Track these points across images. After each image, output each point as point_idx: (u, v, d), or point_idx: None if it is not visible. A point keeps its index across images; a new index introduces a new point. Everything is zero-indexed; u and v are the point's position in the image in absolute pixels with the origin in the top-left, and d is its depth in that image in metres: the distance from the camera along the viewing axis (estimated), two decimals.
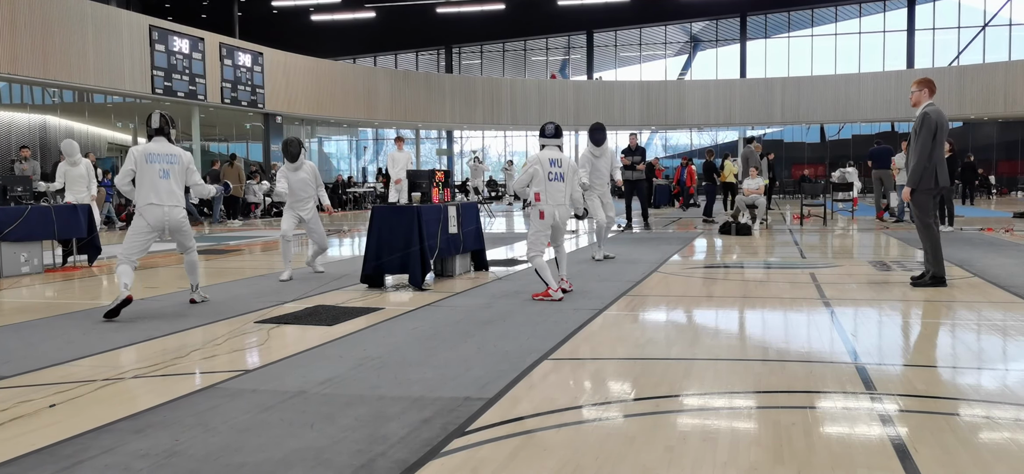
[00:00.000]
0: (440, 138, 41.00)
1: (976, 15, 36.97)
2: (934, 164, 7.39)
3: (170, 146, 6.80)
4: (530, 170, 7.24)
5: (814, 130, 38.50)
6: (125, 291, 6.28)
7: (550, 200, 7.21)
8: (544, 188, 7.19)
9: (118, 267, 6.49)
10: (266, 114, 27.04)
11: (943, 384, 4.35)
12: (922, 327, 6.05)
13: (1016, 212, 19.13)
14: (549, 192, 7.20)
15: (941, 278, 7.50)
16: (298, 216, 8.90)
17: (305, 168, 8.88)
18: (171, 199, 6.68)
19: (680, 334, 5.77)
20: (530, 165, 7.28)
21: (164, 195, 6.63)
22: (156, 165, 6.62)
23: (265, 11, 36.41)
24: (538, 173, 7.19)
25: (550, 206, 7.21)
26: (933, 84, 7.64)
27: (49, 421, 3.72)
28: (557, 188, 7.25)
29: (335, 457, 3.17)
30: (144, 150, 6.65)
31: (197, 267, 7.14)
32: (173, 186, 6.69)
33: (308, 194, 8.92)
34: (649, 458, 3.13)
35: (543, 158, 7.26)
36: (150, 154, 6.63)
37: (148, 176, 6.59)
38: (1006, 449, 3.23)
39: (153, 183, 6.59)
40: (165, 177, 6.64)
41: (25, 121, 27.08)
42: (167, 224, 6.70)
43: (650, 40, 41.40)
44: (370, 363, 4.74)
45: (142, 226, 6.61)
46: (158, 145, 6.72)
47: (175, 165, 6.72)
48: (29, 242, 9.73)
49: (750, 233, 14.09)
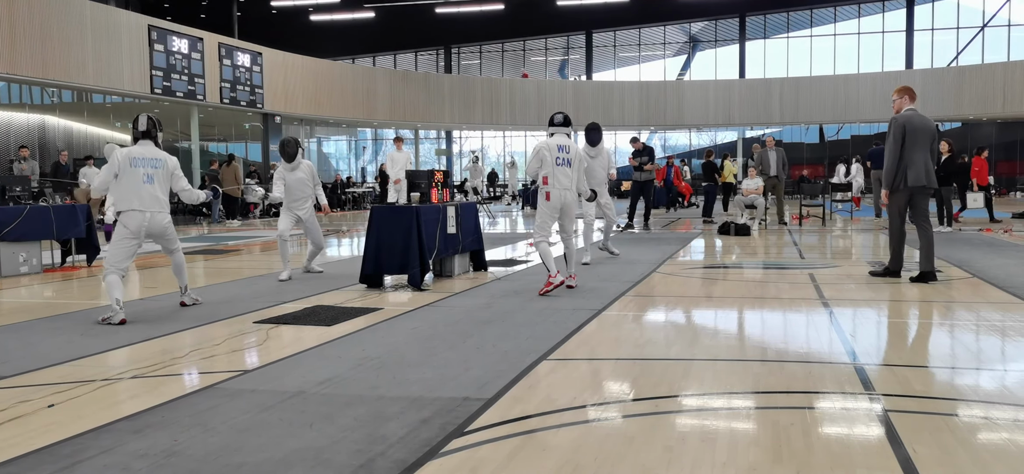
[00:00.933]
0: (439, 138, 41.00)
1: (975, 16, 37.01)
2: (904, 166, 7.81)
3: (156, 150, 6.63)
4: (540, 155, 7.51)
5: (813, 130, 38.53)
6: (120, 313, 6.13)
7: (557, 184, 7.47)
8: (551, 172, 7.47)
9: (106, 277, 6.32)
10: (265, 114, 27.04)
11: (942, 384, 4.35)
12: (921, 327, 6.05)
13: (1016, 212, 19.15)
14: (556, 176, 7.47)
15: (896, 272, 8.13)
16: (296, 216, 8.89)
17: (302, 168, 8.87)
18: (154, 204, 6.51)
19: (679, 334, 5.77)
20: (539, 150, 7.53)
21: (147, 200, 6.46)
22: (140, 169, 6.46)
23: (264, 11, 36.40)
24: (546, 158, 7.47)
25: (557, 190, 7.47)
26: (913, 91, 8.09)
27: (48, 421, 3.71)
28: (564, 173, 7.51)
29: (334, 457, 3.17)
30: (128, 154, 6.49)
31: (184, 268, 7.03)
32: (157, 191, 6.53)
33: (305, 194, 8.89)
34: (648, 458, 3.14)
35: (551, 144, 7.53)
36: (134, 158, 6.47)
37: (131, 181, 6.42)
38: (1005, 449, 3.24)
39: (136, 188, 6.43)
40: (149, 182, 6.48)
41: (24, 121, 27.07)
42: (150, 229, 6.54)
43: (649, 40, 41.41)
44: (369, 363, 4.74)
45: (124, 233, 6.45)
46: (143, 149, 6.57)
47: (159, 170, 6.56)
48: (28, 242, 9.73)
49: (749, 233, 14.10)
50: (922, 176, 7.83)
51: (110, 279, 6.29)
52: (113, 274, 6.31)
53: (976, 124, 36.29)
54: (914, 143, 7.80)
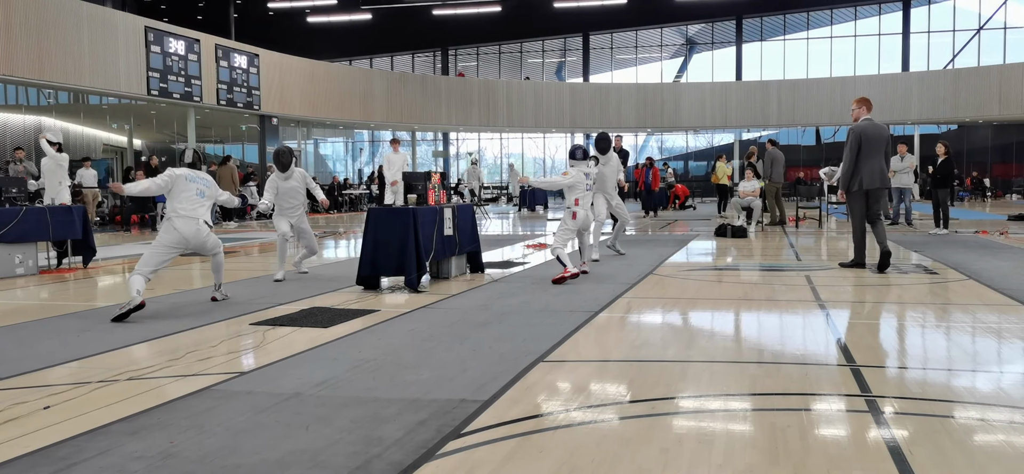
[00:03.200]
0: (436, 140, 40.99)
1: (971, 18, 37.09)
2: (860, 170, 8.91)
3: (206, 175, 7.28)
4: (571, 181, 8.60)
5: (810, 132, 38.58)
6: (137, 296, 6.32)
7: (583, 207, 8.63)
8: (582, 196, 8.62)
9: (132, 277, 6.55)
10: (262, 116, 27.01)
11: (938, 386, 4.36)
12: (917, 329, 6.06)
13: (1011, 214, 19.19)
14: (583, 200, 8.64)
15: (861, 264, 9.12)
16: (290, 222, 9.00)
17: (295, 176, 9.03)
18: (204, 214, 7.08)
19: (676, 336, 5.78)
20: (573, 179, 8.62)
21: (199, 212, 7.02)
22: (194, 185, 7.03)
23: (261, 12, 36.37)
24: (578, 185, 8.62)
25: (582, 211, 8.60)
26: (870, 102, 9.19)
27: (44, 423, 3.71)
28: (587, 197, 8.75)
29: (331, 459, 3.17)
30: (184, 172, 7.08)
31: (222, 267, 7.42)
32: (205, 208, 7.11)
33: (297, 201, 9.06)
34: (645, 460, 3.14)
35: (580, 175, 8.66)
36: (190, 176, 7.05)
37: (185, 192, 6.96)
38: (1001, 451, 3.24)
39: (189, 199, 6.97)
40: (201, 196, 7.07)
41: (20, 122, 27.00)
42: (195, 238, 6.99)
43: (646, 42, 41.44)
44: (366, 365, 4.74)
45: (171, 239, 6.84)
46: (194, 172, 7.18)
47: (210, 189, 7.18)
48: (24, 243, 9.71)
49: (746, 235, 14.11)
50: (876, 179, 8.92)
51: (134, 279, 6.50)
52: (138, 277, 6.52)
53: (972, 127, 36.38)
54: (869, 150, 8.87)
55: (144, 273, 6.60)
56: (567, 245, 8.56)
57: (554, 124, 36.79)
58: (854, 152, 8.86)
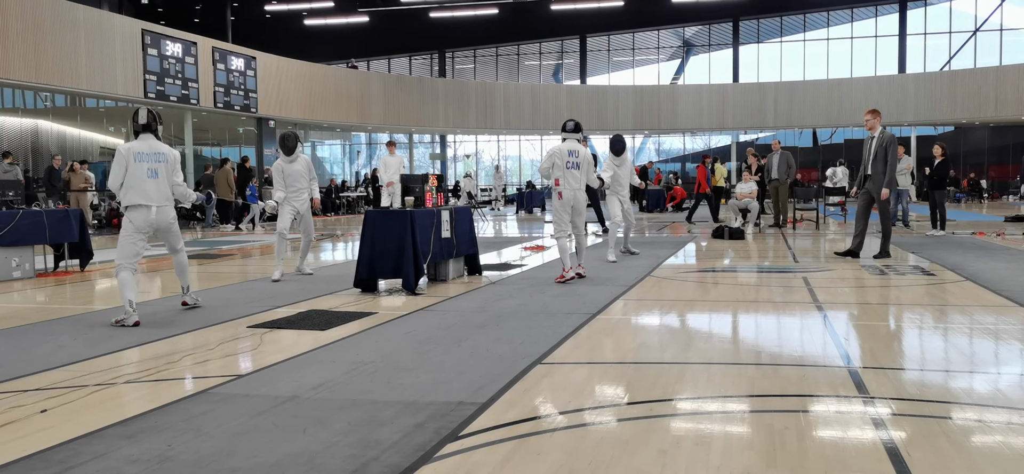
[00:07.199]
0: (433, 142, 40.98)
1: (967, 20, 37.16)
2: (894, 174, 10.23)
3: (158, 143, 6.57)
4: (552, 159, 8.37)
5: (807, 134, 38.64)
6: (133, 315, 6.14)
7: (568, 185, 8.39)
8: (562, 174, 8.34)
9: (118, 274, 6.31)
10: (259, 118, 27.00)
11: (936, 388, 4.36)
12: (915, 330, 6.06)
13: (1008, 216, 19.22)
14: (566, 178, 8.38)
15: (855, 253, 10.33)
16: (294, 210, 9.08)
17: (300, 160, 9.16)
18: (160, 198, 6.49)
19: (673, 338, 5.78)
20: (552, 154, 8.40)
21: (152, 195, 6.43)
22: (144, 164, 6.41)
23: (258, 15, 36.37)
24: (557, 162, 8.34)
25: (568, 190, 8.39)
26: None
27: (40, 426, 3.70)
28: (574, 175, 8.40)
29: (328, 462, 3.16)
30: (131, 149, 6.43)
31: (187, 268, 7.08)
32: (162, 185, 6.50)
33: (302, 185, 9.15)
34: (642, 462, 3.13)
35: (562, 149, 8.40)
36: (138, 153, 6.42)
37: (136, 176, 6.38)
38: (999, 453, 3.24)
39: (140, 183, 6.38)
40: (153, 177, 6.45)
41: (16, 125, 26.95)
42: (156, 225, 6.53)
43: (643, 45, 41.47)
44: (363, 368, 4.73)
45: (131, 229, 6.43)
46: (145, 143, 6.50)
47: (163, 164, 6.51)
48: (20, 247, 9.69)
49: (743, 237, 14.12)
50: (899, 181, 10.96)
51: (122, 277, 6.28)
52: (125, 272, 6.30)
53: (969, 128, 36.45)
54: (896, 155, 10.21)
55: (131, 266, 6.32)
56: (567, 227, 8.56)
57: (552, 126, 36.76)
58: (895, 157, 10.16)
